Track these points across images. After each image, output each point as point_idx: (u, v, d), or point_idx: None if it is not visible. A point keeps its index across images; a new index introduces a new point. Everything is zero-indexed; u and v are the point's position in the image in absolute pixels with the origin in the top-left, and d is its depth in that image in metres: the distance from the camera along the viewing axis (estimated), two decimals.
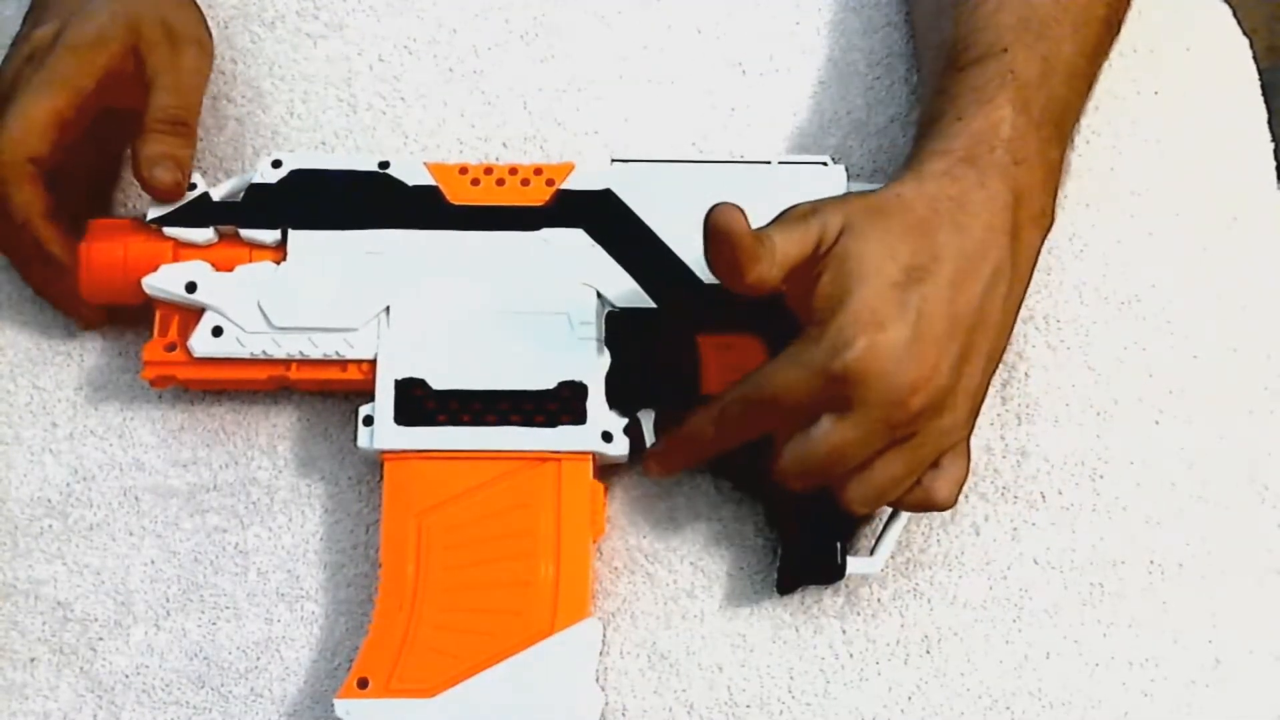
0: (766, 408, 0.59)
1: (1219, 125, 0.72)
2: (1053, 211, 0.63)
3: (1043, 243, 0.63)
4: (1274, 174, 0.72)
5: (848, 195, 0.61)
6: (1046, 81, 0.63)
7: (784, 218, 0.60)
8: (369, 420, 0.63)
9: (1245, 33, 0.75)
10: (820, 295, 0.58)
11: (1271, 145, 0.73)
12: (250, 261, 0.65)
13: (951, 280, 0.58)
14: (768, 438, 0.60)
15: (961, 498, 0.65)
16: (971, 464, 0.65)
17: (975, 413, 0.61)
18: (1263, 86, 0.74)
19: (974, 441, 0.65)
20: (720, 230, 0.57)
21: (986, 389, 0.61)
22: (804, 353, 0.58)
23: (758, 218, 0.61)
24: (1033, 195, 0.61)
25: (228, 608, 0.64)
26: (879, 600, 0.64)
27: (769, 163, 0.66)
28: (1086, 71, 0.66)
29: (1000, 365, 0.67)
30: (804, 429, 0.58)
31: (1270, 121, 0.73)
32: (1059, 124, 0.63)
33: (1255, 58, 0.75)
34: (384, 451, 0.62)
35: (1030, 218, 0.61)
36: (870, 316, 0.57)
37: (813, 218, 0.59)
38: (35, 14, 0.68)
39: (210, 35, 0.70)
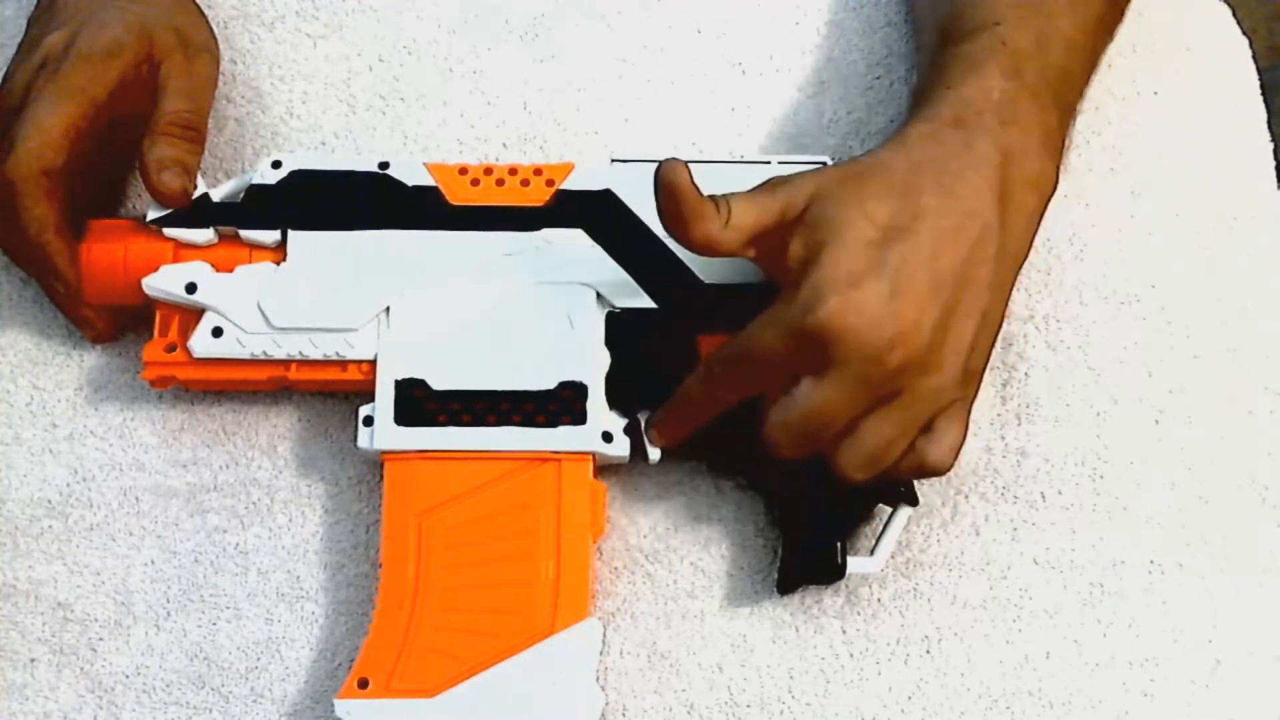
0: (746, 369, 0.59)
1: (1219, 125, 0.72)
2: (1054, 175, 0.62)
3: (1043, 206, 0.62)
4: (1274, 174, 0.72)
5: (824, 168, 0.61)
6: (1041, 51, 0.63)
7: (754, 187, 0.60)
8: (369, 420, 0.63)
9: (1244, 32, 0.75)
10: (793, 256, 0.58)
11: (1271, 145, 0.73)
12: (250, 262, 0.65)
13: (933, 238, 0.58)
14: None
15: (961, 498, 0.65)
16: (970, 463, 0.65)
17: (971, 375, 0.60)
18: (1262, 86, 0.74)
19: (974, 442, 0.65)
20: (664, 184, 0.58)
21: (986, 353, 0.60)
22: (779, 312, 0.58)
23: None
24: (1025, 157, 0.61)
25: (228, 608, 0.64)
26: (879, 600, 0.64)
27: (769, 163, 0.66)
28: (1086, 45, 0.65)
29: (1000, 365, 0.67)
30: (787, 392, 0.58)
31: (1270, 121, 0.73)
32: (1057, 90, 0.63)
33: (1255, 57, 0.75)
34: (384, 452, 0.62)
35: (1024, 180, 0.61)
36: (844, 274, 0.57)
37: (780, 187, 0.59)
38: (42, 19, 0.68)
39: (217, 44, 0.70)
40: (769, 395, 0.59)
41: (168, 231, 0.65)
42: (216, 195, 0.66)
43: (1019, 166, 0.61)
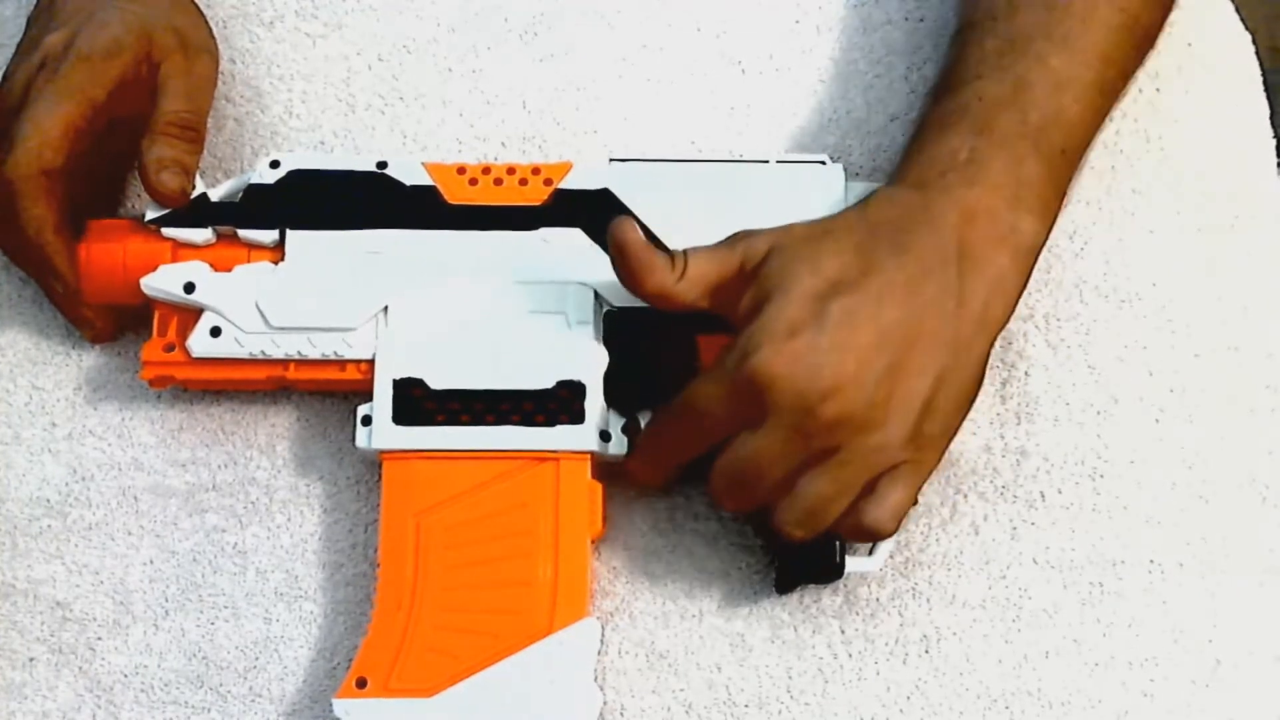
0: (690, 420, 0.59)
1: (1221, 123, 0.72)
2: (1033, 229, 0.62)
3: (1020, 264, 0.61)
4: (1276, 173, 0.72)
5: (788, 224, 0.61)
6: (1019, 98, 0.62)
7: (716, 242, 0.61)
8: (367, 420, 0.63)
9: (1247, 30, 0.75)
10: (742, 309, 0.59)
11: (1274, 143, 0.73)
12: (249, 262, 0.65)
13: (881, 294, 0.58)
14: None
15: (961, 497, 0.65)
16: (970, 463, 0.65)
17: (926, 439, 0.59)
18: (1265, 87, 0.73)
19: (974, 441, 0.65)
20: (614, 241, 0.59)
21: (948, 417, 0.60)
22: (719, 364, 0.58)
23: (756, 216, 0.61)
24: (993, 215, 0.60)
25: (226, 607, 0.64)
26: (878, 600, 0.64)
27: (767, 162, 0.66)
28: (1089, 79, 0.64)
29: (1000, 365, 0.67)
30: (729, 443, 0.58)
31: (1272, 119, 0.73)
32: (1040, 137, 0.62)
33: (1257, 55, 0.74)
34: (382, 451, 0.62)
35: (992, 238, 0.60)
36: (783, 324, 0.57)
37: (739, 241, 0.60)
38: (42, 19, 0.68)
39: (216, 44, 0.70)
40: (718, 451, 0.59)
41: (166, 231, 0.65)
42: (215, 195, 0.66)
43: (983, 226, 0.60)
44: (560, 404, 0.62)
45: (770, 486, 0.58)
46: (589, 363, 0.63)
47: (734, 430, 0.58)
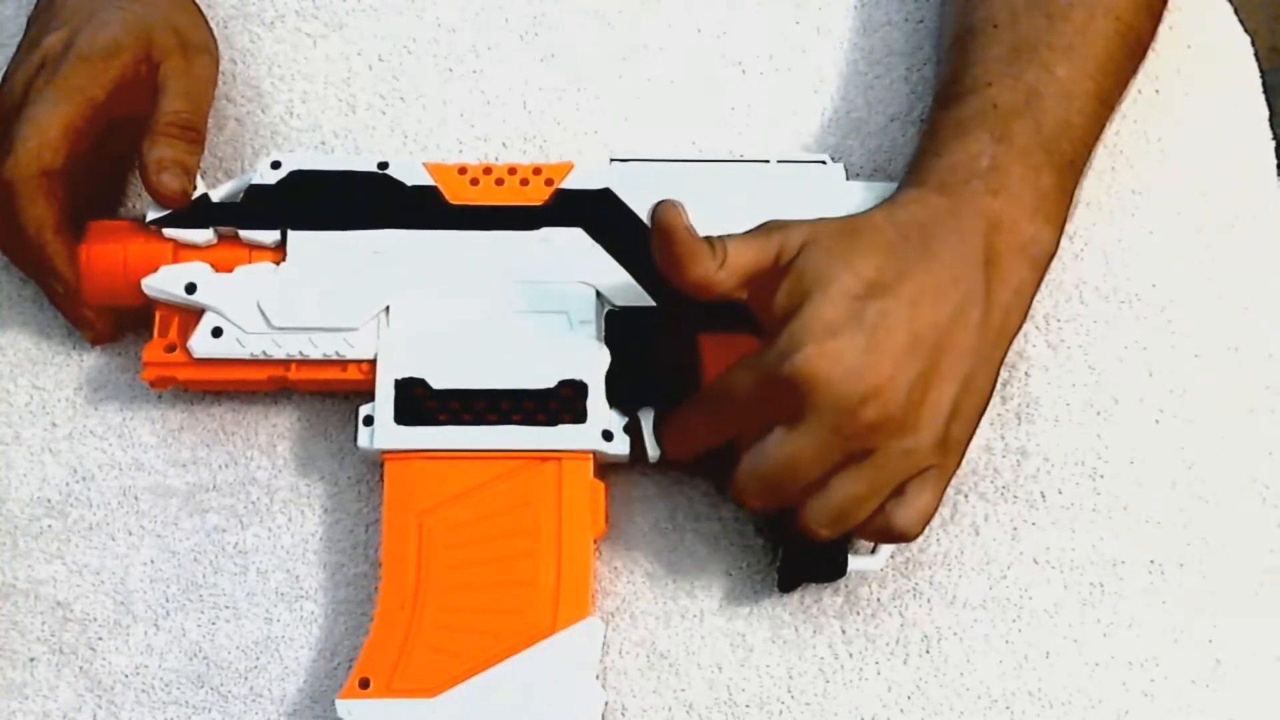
0: (723, 410, 0.59)
1: (1220, 124, 0.72)
2: (1050, 240, 0.62)
3: (1037, 274, 0.62)
4: (1275, 173, 0.72)
5: (820, 218, 0.61)
6: (1032, 108, 0.63)
7: (749, 230, 0.60)
8: (369, 420, 0.63)
9: (1246, 31, 0.75)
10: (778, 304, 0.58)
11: (1273, 144, 0.73)
12: (250, 262, 0.65)
13: (914, 299, 0.58)
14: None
15: (961, 497, 0.65)
16: (971, 463, 0.65)
17: (951, 444, 0.59)
18: (1264, 87, 0.73)
19: (974, 441, 0.65)
20: (660, 226, 0.58)
21: (969, 424, 0.60)
22: (758, 358, 0.58)
23: (756, 216, 0.61)
24: (1015, 225, 0.61)
25: (227, 607, 0.64)
26: (878, 600, 0.64)
27: (768, 162, 0.66)
28: (1090, 90, 0.65)
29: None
30: (760, 440, 0.58)
31: (1272, 120, 0.73)
32: (1052, 147, 0.63)
33: (1257, 56, 0.74)
34: (384, 451, 0.62)
35: (1014, 247, 0.61)
36: (823, 324, 0.57)
37: (775, 231, 0.60)
38: (42, 19, 0.68)
39: (216, 44, 0.70)
40: (743, 442, 0.59)
41: (167, 232, 0.65)
42: (216, 195, 0.66)
43: (1006, 235, 0.61)
44: (562, 403, 0.62)
45: (802, 486, 0.58)
46: (591, 362, 0.63)
47: (762, 423, 0.58)
